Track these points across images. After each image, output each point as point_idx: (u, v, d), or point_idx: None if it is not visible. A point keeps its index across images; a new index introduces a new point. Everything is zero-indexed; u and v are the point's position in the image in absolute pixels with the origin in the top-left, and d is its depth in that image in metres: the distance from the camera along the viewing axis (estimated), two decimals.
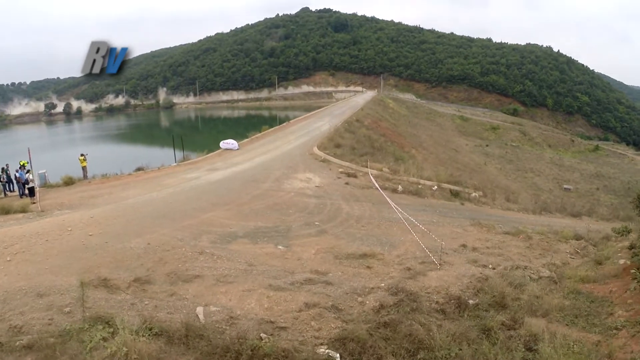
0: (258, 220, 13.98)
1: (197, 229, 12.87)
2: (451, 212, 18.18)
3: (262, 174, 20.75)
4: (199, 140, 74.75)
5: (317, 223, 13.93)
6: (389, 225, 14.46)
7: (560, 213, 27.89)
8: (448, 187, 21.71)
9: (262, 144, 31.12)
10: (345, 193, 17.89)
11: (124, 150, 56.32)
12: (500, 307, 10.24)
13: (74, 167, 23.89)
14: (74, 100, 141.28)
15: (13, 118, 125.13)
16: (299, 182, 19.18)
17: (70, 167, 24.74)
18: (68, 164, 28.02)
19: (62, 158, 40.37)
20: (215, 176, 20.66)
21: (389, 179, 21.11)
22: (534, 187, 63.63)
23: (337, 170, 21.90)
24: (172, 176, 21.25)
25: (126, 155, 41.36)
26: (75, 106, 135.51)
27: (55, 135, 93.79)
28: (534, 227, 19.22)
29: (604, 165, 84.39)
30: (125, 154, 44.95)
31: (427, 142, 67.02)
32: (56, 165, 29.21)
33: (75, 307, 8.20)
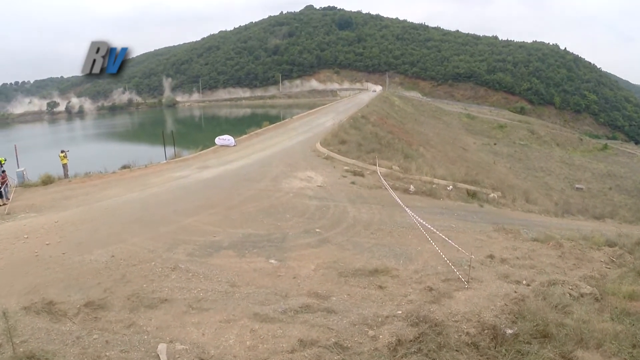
0: (248, 227, 11.92)
1: (174, 237, 10.84)
2: (471, 215, 16.06)
3: (257, 172, 18.68)
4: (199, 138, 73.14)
5: (318, 230, 11.85)
6: (403, 232, 12.36)
7: (582, 215, 25.88)
8: (464, 187, 19.58)
9: (261, 140, 29.05)
10: (350, 194, 15.79)
11: (115, 148, 54.10)
12: (543, 337, 8.11)
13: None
14: (76, 99, 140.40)
15: (16, 117, 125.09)
16: (298, 181, 17.09)
17: (57, 166, 22.96)
18: (56, 162, 26.42)
19: (53, 156, 38.61)
20: (206, 175, 18.63)
21: (399, 177, 18.99)
22: (545, 187, 61.37)
23: (342, 169, 19.79)
24: (158, 174, 19.26)
25: (117, 153, 39.33)
26: (78, 105, 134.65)
27: (54, 133, 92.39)
28: (560, 231, 17.25)
29: (614, 165, 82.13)
30: (116, 152, 42.86)
31: (435, 140, 64.78)
32: (43, 163, 27.40)
33: (5, 340, 6.33)
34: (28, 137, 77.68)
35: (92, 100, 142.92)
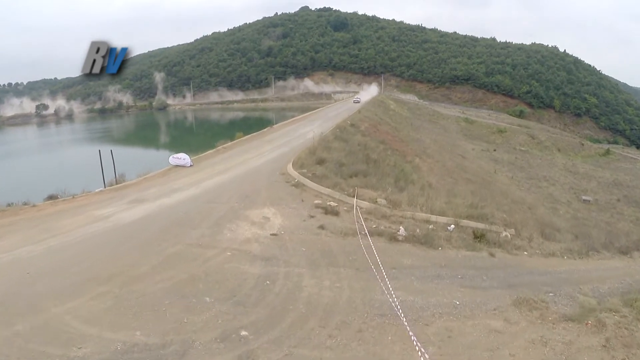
0: (138, 327, 7.60)
1: (21, 346, 6.63)
2: (479, 275, 11.78)
3: (199, 211, 14.29)
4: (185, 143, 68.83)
5: (245, 333, 7.47)
6: (380, 330, 8.04)
7: (607, 251, 21.82)
8: (469, 225, 15.31)
9: (226, 157, 24.59)
10: (314, 249, 11.43)
11: (70, 162, 47.79)
12: None
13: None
14: (65, 101, 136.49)
15: (5, 119, 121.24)
16: (248, 226, 12.75)
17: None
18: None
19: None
20: (133, 214, 14.27)
21: (386, 215, 14.64)
22: (550, 199, 57.17)
23: (313, 202, 15.40)
24: (78, 212, 14.93)
25: (62, 172, 34.18)
26: (67, 107, 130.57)
27: (21, 141, 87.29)
28: (592, 286, 13.18)
29: (618, 172, 78.42)
30: (63, 169, 37.19)
31: (432, 147, 60.52)
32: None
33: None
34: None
35: (82, 102, 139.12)
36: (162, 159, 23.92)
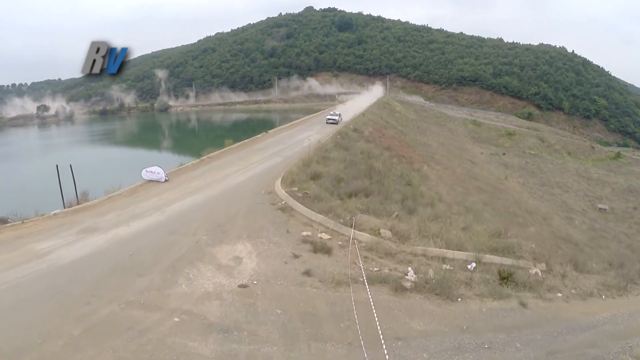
0: None
1: None
2: (511, 342, 8.90)
3: (157, 247, 11.46)
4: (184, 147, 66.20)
5: None
6: None
7: None
8: (493, 262, 12.42)
9: (208, 169, 21.70)
10: (292, 312, 8.49)
11: (49, 170, 44.14)
12: None
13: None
14: (66, 103, 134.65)
15: (7, 120, 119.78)
16: (212, 272, 9.91)
17: None
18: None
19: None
20: (75, 251, 11.46)
21: (391, 252, 11.73)
22: (564, 208, 54.01)
23: (300, 234, 12.59)
24: (16, 245, 12.18)
25: (39, 181, 31.18)
26: (68, 108, 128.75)
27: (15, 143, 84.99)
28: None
29: (631, 176, 75.09)
30: (41, 179, 33.89)
31: (440, 152, 57.54)
32: None
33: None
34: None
35: (84, 103, 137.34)
36: (146, 166, 20.95)
